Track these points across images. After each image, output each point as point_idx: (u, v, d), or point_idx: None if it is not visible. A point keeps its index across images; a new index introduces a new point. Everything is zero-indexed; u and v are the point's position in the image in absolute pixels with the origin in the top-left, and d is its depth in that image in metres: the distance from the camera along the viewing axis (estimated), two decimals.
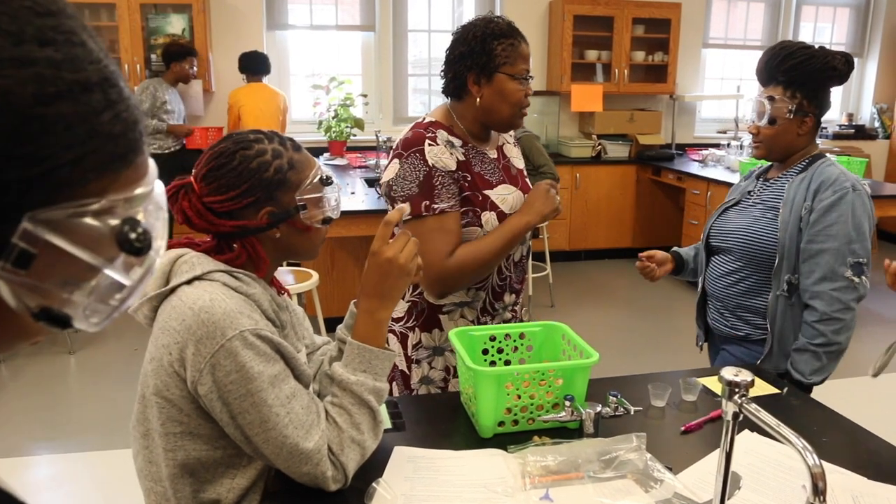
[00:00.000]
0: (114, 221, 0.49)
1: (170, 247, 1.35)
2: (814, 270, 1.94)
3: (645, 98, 6.92)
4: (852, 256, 1.92)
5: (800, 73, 2.01)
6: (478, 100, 1.80)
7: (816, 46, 2.04)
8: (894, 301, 5.62)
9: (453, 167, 1.77)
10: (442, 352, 1.91)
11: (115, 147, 0.48)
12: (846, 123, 7.57)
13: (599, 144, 6.54)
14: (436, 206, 1.74)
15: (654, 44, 6.67)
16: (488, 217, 1.81)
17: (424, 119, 1.87)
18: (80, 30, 0.48)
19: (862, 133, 7.49)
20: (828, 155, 2.08)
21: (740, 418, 1.00)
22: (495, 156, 1.91)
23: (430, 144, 1.76)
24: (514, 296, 1.95)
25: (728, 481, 1.04)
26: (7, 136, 0.43)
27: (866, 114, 7.73)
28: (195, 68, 5.45)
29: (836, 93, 2.12)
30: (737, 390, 0.98)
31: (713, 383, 1.79)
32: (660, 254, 2.22)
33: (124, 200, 0.49)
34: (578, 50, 6.51)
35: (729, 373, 0.99)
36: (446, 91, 1.87)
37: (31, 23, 0.44)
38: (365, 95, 6.23)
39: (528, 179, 1.99)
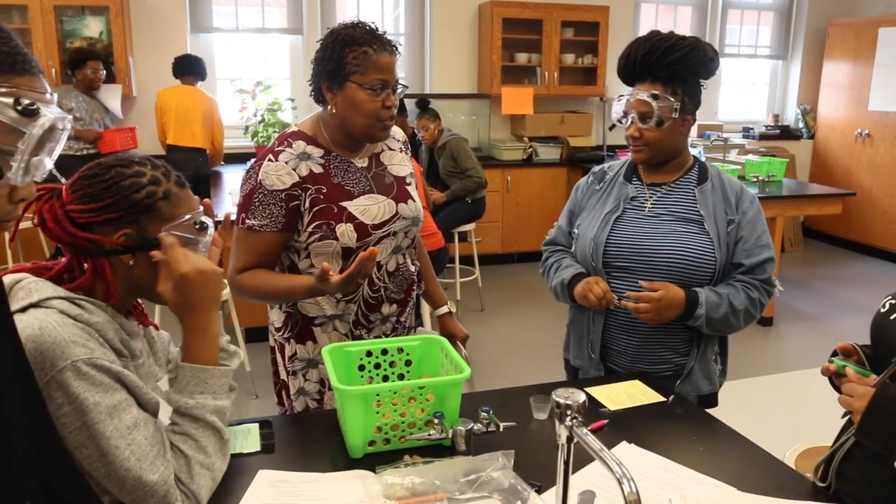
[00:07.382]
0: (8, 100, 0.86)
1: (10, 271, 1.28)
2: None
3: (575, 100, 6.96)
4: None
5: (682, 68, 1.82)
6: (332, 108, 1.76)
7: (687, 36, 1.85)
8: (810, 297, 5.76)
9: (284, 186, 1.72)
10: (316, 364, 1.87)
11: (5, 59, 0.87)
12: (772, 124, 7.73)
13: (531, 147, 6.56)
14: (247, 221, 1.75)
15: (584, 46, 6.71)
16: (344, 229, 1.75)
17: (291, 127, 1.85)
18: None
19: (787, 133, 7.66)
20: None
21: (575, 441, 0.98)
22: (364, 164, 1.84)
23: (269, 161, 1.75)
24: (395, 306, 1.89)
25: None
26: None
27: (791, 115, 7.92)
28: (102, 72, 5.25)
29: (762, 94, 2.05)
30: (568, 413, 0.95)
31: (599, 392, 1.78)
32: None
33: (27, 91, 0.88)
34: (508, 53, 6.51)
35: (560, 395, 0.96)
36: (314, 97, 1.83)
37: None
38: (293, 100, 6.12)
39: (410, 188, 1.90)
